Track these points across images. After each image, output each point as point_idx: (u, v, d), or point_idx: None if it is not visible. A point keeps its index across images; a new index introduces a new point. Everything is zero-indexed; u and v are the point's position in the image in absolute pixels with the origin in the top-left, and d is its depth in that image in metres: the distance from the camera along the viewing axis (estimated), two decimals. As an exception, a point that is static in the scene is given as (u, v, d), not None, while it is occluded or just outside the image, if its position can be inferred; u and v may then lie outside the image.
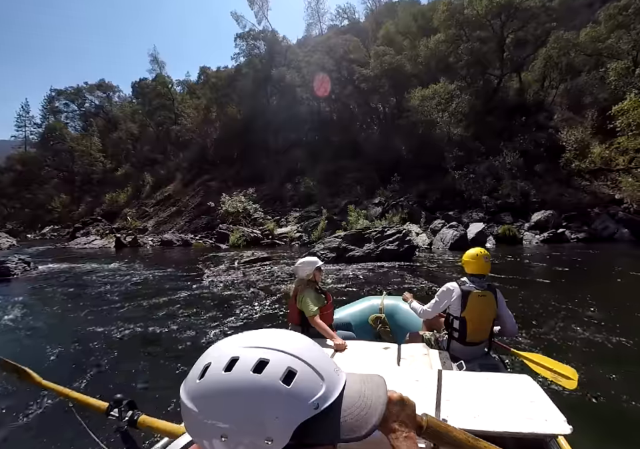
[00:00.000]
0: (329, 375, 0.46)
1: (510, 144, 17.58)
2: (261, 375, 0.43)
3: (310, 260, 2.60)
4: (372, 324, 2.95)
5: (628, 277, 7.13)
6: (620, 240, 12.10)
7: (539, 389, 1.40)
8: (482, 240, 12.15)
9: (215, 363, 0.45)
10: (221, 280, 8.11)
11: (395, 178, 17.30)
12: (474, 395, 1.38)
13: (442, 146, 19.11)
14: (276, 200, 21.60)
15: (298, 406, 0.42)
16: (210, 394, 0.43)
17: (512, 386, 1.44)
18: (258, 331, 0.51)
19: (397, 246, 9.35)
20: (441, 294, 2.33)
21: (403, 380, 1.51)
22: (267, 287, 7.19)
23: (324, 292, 2.59)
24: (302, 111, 27.00)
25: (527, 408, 1.28)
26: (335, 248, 9.69)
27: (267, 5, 34.51)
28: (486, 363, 2.14)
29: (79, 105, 34.31)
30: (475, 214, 14.62)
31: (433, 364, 1.95)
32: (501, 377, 1.56)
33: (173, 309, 5.72)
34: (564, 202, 14.39)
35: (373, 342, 2.35)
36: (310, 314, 2.37)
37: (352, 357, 2.04)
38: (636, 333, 3.92)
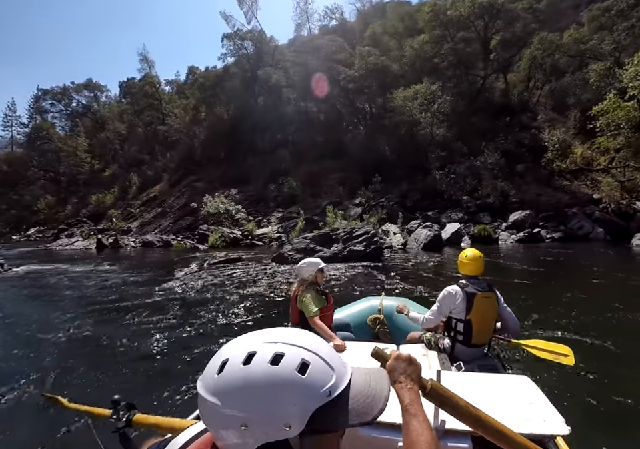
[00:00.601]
0: (338, 366, 0.50)
1: (492, 144, 17.58)
2: (278, 367, 0.46)
3: (312, 261, 2.59)
4: (370, 325, 2.96)
5: (597, 275, 7.10)
6: (595, 239, 12.08)
7: (538, 390, 1.41)
8: (457, 240, 12.09)
9: (232, 358, 0.48)
10: (184, 282, 7.99)
11: (375, 178, 17.23)
12: (473, 396, 1.34)
13: (425, 146, 19.09)
14: (259, 200, 21.47)
15: (313, 394, 0.45)
16: (231, 386, 0.45)
17: (511, 387, 1.44)
18: (271, 329, 0.54)
19: (365, 247, 9.26)
20: (443, 299, 2.27)
21: None
22: (230, 289, 7.08)
23: (325, 294, 2.58)
24: (289, 111, 26.89)
25: (525, 409, 1.28)
26: (303, 249, 9.59)
27: (256, 5, 34.48)
28: (485, 364, 2.13)
29: (66, 105, 33.96)
30: (454, 214, 14.57)
31: (432, 364, 1.95)
32: (500, 378, 1.56)
33: (126, 313, 5.56)
34: (542, 202, 14.38)
35: (371, 343, 2.33)
36: (310, 315, 2.37)
37: (351, 358, 2.04)
38: (610, 332, 3.88)
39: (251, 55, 29.73)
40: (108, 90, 35.61)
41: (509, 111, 21.43)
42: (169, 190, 27.37)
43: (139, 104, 32.87)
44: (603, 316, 4.50)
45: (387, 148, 20.96)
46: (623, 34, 19.53)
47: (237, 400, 0.45)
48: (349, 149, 22.48)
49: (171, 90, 37.39)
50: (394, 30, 27.53)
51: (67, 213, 31.33)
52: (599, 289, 6.13)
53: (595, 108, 17.03)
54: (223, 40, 27.93)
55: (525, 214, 13.10)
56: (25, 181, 33.49)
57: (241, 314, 5.27)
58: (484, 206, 14.77)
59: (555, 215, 13.63)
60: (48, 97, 32.53)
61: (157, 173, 29.88)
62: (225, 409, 0.45)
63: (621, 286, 6.38)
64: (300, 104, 28.04)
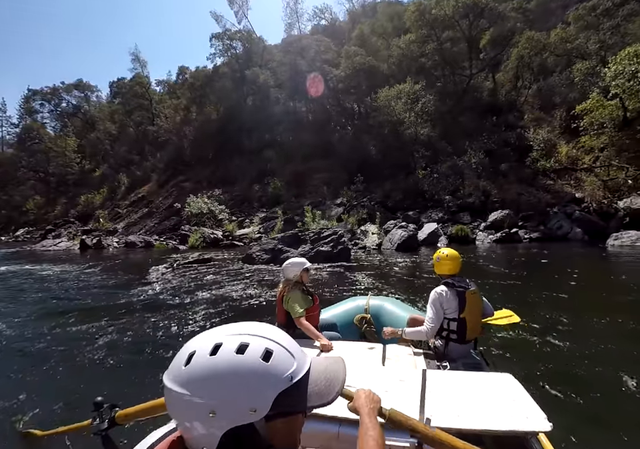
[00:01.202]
0: (299, 354, 0.55)
1: (475, 144, 17.48)
2: (244, 355, 0.49)
3: (297, 261, 2.56)
4: (357, 325, 2.96)
5: (569, 275, 6.96)
6: (573, 239, 11.96)
7: (521, 387, 1.43)
8: (433, 240, 11.97)
9: (199, 350, 0.50)
10: (150, 283, 7.90)
11: (357, 178, 17.12)
12: (457, 394, 1.39)
13: (410, 146, 18.98)
14: (244, 201, 21.36)
15: (276, 379, 0.49)
16: (199, 376, 0.48)
17: (494, 385, 1.46)
18: (235, 323, 0.57)
19: (332, 248, 9.14)
20: (435, 301, 2.23)
21: (387, 379, 1.54)
22: (193, 290, 6.97)
23: (311, 294, 2.57)
24: (277, 111, 26.80)
25: (508, 406, 1.30)
26: (271, 250, 9.47)
27: (247, 5, 34.40)
28: (470, 362, 2.17)
29: (55, 105, 33.81)
30: (434, 214, 14.45)
31: (418, 363, 1.98)
32: (484, 376, 1.58)
33: (83, 316, 5.41)
34: (523, 202, 14.26)
35: (358, 342, 2.39)
36: (296, 315, 2.36)
37: None
38: (585, 331, 3.94)
39: (240, 55, 29.66)
40: (98, 91, 35.56)
41: (497, 111, 21.36)
42: (157, 191, 27.27)
43: (129, 104, 32.75)
44: (574, 315, 4.46)
45: (372, 148, 20.86)
46: (608, 33, 19.44)
47: (206, 389, 0.47)
48: (336, 149, 22.37)
49: (162, 90, 37.29)
50: (383, 30, 27.42)
51: (57, 214, 31.17)
52: (570, 289, 6.01)
53: (579, 107, 16.96)
54: (211, 40, 27.87)
55: (503, 214, 12.98)
56: (15, 182, 33.34)
57: (197, 315, 5.18)
58: (465, 205, 14.65)
59: (534, 215, 13.52)
60: (37, 97, 32.38)
61: (146, 173, 29.77)
62: (194, 398, 0.47)
63: (591, 286, 6.29)
64: (289, 104, 27.96)
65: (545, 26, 25.03)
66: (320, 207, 16.75)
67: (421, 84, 17.98)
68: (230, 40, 28.42)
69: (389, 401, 1.27)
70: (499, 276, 7.15)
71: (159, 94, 35.55)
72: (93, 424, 1.05)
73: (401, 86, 18.09)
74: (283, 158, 22.82)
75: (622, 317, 4.31)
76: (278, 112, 26.65)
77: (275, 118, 26.43)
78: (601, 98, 16.26)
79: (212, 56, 28.78)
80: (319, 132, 24.70)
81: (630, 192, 14.53)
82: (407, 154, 18.81)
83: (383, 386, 1.47)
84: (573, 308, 4.87)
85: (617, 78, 15.19)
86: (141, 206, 25.99)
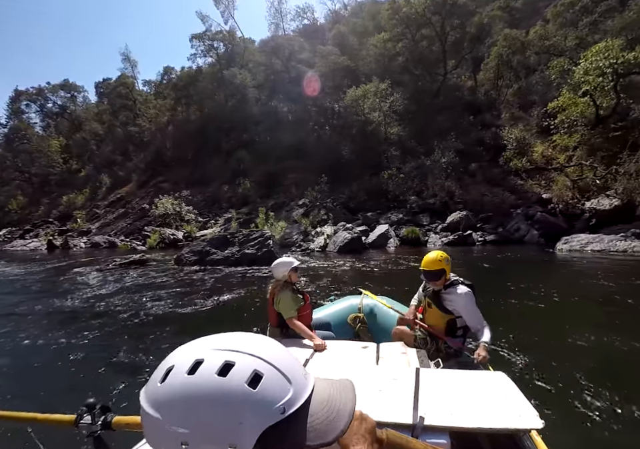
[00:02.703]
0: (297, 378, 0.45)
1: (443, 143, 17.03)
2: (226, 378, 0.41)
3: (285, 260, 2.51)
4: (351, 324, 2.94)
5: (505, 281, 6.63)
6: (529, 242, 11.47)
7: (513, 386, 1.43)
8: (383, 242, 11.58)
9: (177, 366, 0.43)
10: (78, 284, 7.74)
11: (322, 179, 16.78)
12: (451, 392, 1.39)
13: (380, 146, 18.60)
14: (215, 201, 21.13)
15: (264, 411, 0.40)
16: (172, 398, 0.41)
17: (487, 383, 1.47)
18: (226, 334, 0.48)
19: (256, 250, 8.85)
20: (474, 301, 2.26)
21: (381, 378, 1.53)
22: (119, 293, 6.80)
23: (301, 293, 2.53)
24: (257, 112, 26.58)
25: (501, 404, 1.30)
26: (199, 252, 9.25)
27: (232, 5, 34.32)
28: (463, 361, 2.17)
29: (41, 106, 33.95)
30: (394, 215, 14.03)
31: (411, 362, 1.98)
32: (477, 374, 1.59)
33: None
34: (485, 202, 13.79)
35: (352, 342, 2.38)
36: (288, 316, 2.33)
37: (331, 357, 2.05)
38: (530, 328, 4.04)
39: (221, 55, 29.52)
40: (85, 91, 35.60)
41: (475, 110, 20.96)
42: (136, 191, 27.17)
43: (114, 105, 32.83)
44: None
45: (345, 148, 20.50)
46: (585, 30, 18.91)
47: (178, 414, 0.39)
48: (312, 149, 22.05)
49: (149, 90, 37.34)
50: (364, 30, 27.11)
51: (40, 214, 31.22)
52: (495, 295, 5.62)
53: (551, 105, 16.50)
54: (191, 41, 27.73)
55: (461, 216, 12.52)
56: (0, 182, 33.52)
57: (116, 317, 5.07)
58: (426, 207, 14.21)
59: (494, 216, 13.04)
60: (23, 98, 32.54)
61: (128, 174, 29.71)
62: (164, 423, 0.40)
63: (531, 293, 5.86)
64: (270, 104, 27.71)
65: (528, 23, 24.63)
66: (283, 208, 16.45)
67: (387, 84, 17.56)
68: (211, 41, 28.27)
69: (382, 400, 1.32)
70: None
71: (146, 94, 35.57)
72: (81, 423, 0.98)
73: (367, 85, 17.74)
74: (257, 159, 22.56)
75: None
76: (257, 112, 26.43)
77: (254, 119, 26.21)
78: (573, 96, 15.77)
79: (192, 57, 28.66)
80: (298, 132, 24.40)
81: (599, 192, 14.02)
82: (378, 154, 18.44)
83: (377, 385, 1.47)
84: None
85: (587, 75, 14.72)
86: (118, 206, 25.89)
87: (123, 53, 36.34)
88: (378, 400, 1.34)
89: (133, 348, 3.88)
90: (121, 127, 33.99)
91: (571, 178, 14.97)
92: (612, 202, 12.89)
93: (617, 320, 4.32)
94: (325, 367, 1.86)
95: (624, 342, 3.60)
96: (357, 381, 1.34)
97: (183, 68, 33.93)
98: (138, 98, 32.21)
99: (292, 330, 2.35)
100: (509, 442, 1.29)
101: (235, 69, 25.42)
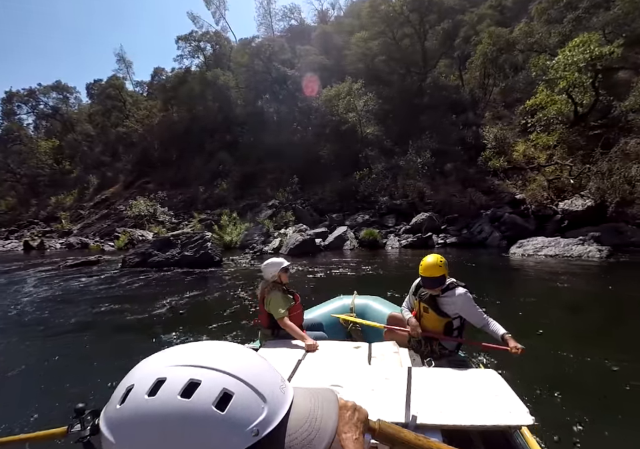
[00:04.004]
0: (272, 395, 0.40)
1: (419, 142, 16.65)
2: (191, 400, 0.36)
3: (275, 261, 2.50)
4: (343, 324, 2.93)
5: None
6: (490, 245, 11.04)
7: (504, 383, 1.45)
8: (339, 244, 11.27)
9: (137, 385, 0.39)
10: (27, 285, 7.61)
11: (293, 179, 16.53)
12: (442, 391, 1.40)
13: (357, 146, 18.29)
14: (193, 202, 21.02)
15: (234, 435, 0.36)
16: (130, 422, 0.37)
17: (478, 381, 1.49)
18: (192, 344, 0.43)
19: (195, 252, 8.64)
20: (472, 300, 2.24)
21: (373, 378, 1.55)
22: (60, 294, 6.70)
23: (291, 293, 2.52)
24: (241, 112, 26.45)
25: (492, 402, 1.32)
26: (141, 254, 9.07)
27: (224, 5, 34.30)
28: (454, 359, 2.18)
29: (32, 107, 34.30)
30: (361, 216, 13.70)
31: (403, 361, 2.01)
32: (468, 372, 1.62)
33: None
34: (454, 204, 13.37)
35: (344, 342, 2.40)
36: (279, 316, 2.31)
37: (323, 357, 2.05)
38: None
39: (208, 57, 29.51)
40: (77, 92, 35.83)
41: (461, 109, 20.56)
42: (122, 192, 27.22)
43: (105, 106, 33.04)
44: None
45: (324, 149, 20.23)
46: (569, 26, 18.37)
47: (137, 441, 0.35)
48: (293, 150, 21.82)
49: (141, 91, 37.55)
50: (351, 29, 26.83)
51: (31, 214, 31.51)
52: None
53: (529, 102, 16.07)
54: (177, 42, 27.74)
55: (424, 217, 12.11)
56: (-8, 183, 33.88)
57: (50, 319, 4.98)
58: (394, 208, 13.85)
59: (461, 218, 12.62)
60: (15, 99, 32.89)
61: (116, 175, 29.82)
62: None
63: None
64: (257, 104, 27.57)
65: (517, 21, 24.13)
66: (254, 209, 16.23)
67: (361, 83, 17.24)
68: (198, 42, 28.26)
69: (375, 399, 1.33)
70: (376, 284, 6.46)
71: (137, 95, 35.74)
72: (71, 431, 0.95)
73: (340, 85, 17.46)
74: (238, 160, 22.41)
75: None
76: (242, 113, 26.30)
77: (238, 120, 26.09)
78: (550, 93, 15.30)
79: (179, 58, 28.66)
80: (282, 132, 24.21)
81: (575, 192, 13.53)
82: (355, 154, 18.12)
83: (370, 384, 1.49)
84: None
85: (564, 70, 14.26)
86: (102, 207, 25.94)
87: (118, 54, 36.61)
88: (371, 400, 1.35)
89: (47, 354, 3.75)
90: (111, 128, 34.21)
91: (547, 178, 14.50)
92: (585, 203, 12.41)
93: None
94: (317, 368, 1.85)
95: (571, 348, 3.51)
96: (349, 381, 1.47)
97: (173, 70, 34.06)
98: (128, 99, 32.34)
99: (284, 331, 2.33)
100: (500, 438, 1.29)
101: (218, 70, 25.37)
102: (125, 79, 36.43)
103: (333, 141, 18.84)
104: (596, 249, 7.94)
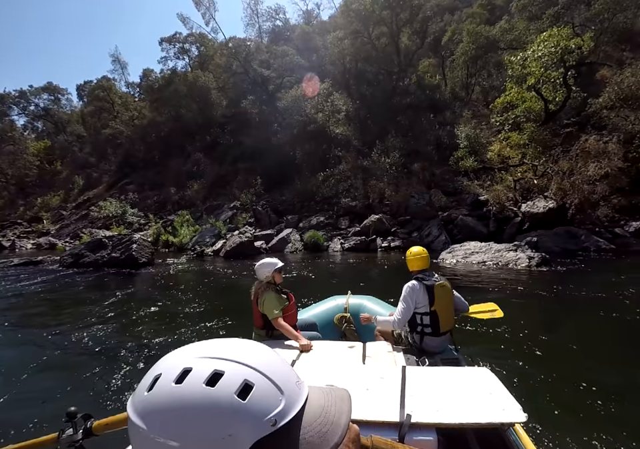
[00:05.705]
0: (290, 388, 0.42)
1: (385, 143, 16.23)
2: (215, 388, 0.39)
3: (268, 261, 2.49)
4: (337, 324, 2.93)
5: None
6: (434, 249, 10.52)
7: (497, 380, 1.47)
8: (282, 247, 10.94)
9: (165, 374, 0.41)
10: None
11: (256, 181, 16.27)
12: (436, 389, 1.41)
13: (326, 147, 17.96)
14: (166, 203, 20.94)
15: (253, 423, 0.38)
16: (158, 408, 0.39)
17: (472, 379, 1.50)
18: (215, 340, 0.47)
19: (121, 254, 8.50)
20: (407, 295, 2.30)
21: (368, 377, 1.56)
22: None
23: (285, 293, 2.52)
24: (223, 114, 26.39)
25: (485, 399, 1.33)
26: (75, 254, 9.10)
27: (213, 6, 34.38)
28: (448, 358, 2.21)
29: (23, 109, 34.83)
30: (316, 218, 13.37)
31: (397, 360, 2.03)
32: (462, 371, 1.62)
33: None
34: (410, 205, 12.90)
35: (338, 342, 2.39)
36: (272, 317, 2.32)
37: (318, 357, 2.07)
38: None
39: (194, 58, 29.57)
40: (69, 93, 36.30)
41: (440, 109, 20.11)
42: (104, 193, 27.33)
43: (94, 107, 33.40)
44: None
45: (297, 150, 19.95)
46: (547, 22, 17.77)
47: (164, 426, 0.38)
48: (268, 150, 21.61)
49: (133, 92, 37.86)
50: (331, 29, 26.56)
51: (19, 215, 31.93)
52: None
53: (498, 100, 15.58)
54: (161, 44, 27.85)
55: (374, 219, 11.69)
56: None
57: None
58: (350, 209, 13.46)
59: (415, 220, 12.16)
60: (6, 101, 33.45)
61: (101, 176, 30.04)
62: (150, 434, 0.38)
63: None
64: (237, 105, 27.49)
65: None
66: (216, 211, 16.02)
67: (329, 83, 16.91)
68: (182, 44, 28.33)
69: (370, 399, 1.35)
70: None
71: (127, 96, 36.04)
72: (63, 436, 0.94)
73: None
74: (214, 161, 22.29)
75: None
76: (222, 114, 26.23)
77: (220, 121, 26.02)
78: (520, 90, 14.75)
79: (163, 60, 28.76)
80: (262, 133, 24.04)
81: (540, 193, 12.98)
82: (324, 155, 17.79)
83: (364, 384, 1.49)
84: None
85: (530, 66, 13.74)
86: (83, 208, 26.10)
87: (113, 55, 37.04)
88: (365, 399, 1.36)
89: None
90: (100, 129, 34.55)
91: (514, 178, 13.96)
92: (547, 204, 11.85)
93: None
94: (311, 368, 1.84)
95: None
96: (344, 380, 1.47)
97: (162, 71, 34.25)
98: (117, 100, 32.60)
99: (277, 332, 2.33)
100: (494, 435, 1.30)
101: (198, 72, 25.34)
102: (119, 81, 36.95)
103: (303, 142, 18.55)
104: (526, 257, 7.41)
